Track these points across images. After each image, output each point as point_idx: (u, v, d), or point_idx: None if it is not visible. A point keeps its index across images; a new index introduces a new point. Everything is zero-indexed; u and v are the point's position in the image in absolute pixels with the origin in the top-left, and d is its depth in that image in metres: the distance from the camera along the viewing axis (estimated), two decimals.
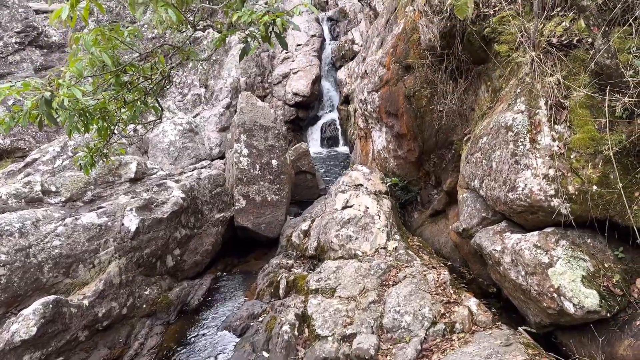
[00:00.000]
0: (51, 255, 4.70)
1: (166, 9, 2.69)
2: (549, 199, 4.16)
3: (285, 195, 7.88)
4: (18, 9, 11.74)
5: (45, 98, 2.71)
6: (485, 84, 5.68)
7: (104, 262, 5.06)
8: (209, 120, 12.38)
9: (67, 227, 4.96)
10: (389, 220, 6.48)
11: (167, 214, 5.84)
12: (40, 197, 5.38)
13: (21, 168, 7.21)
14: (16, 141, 9.03)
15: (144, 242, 5.47)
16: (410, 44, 6.54)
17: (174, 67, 3.85)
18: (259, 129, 7.89)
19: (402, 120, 6.60)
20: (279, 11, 2.77)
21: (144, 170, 6.55)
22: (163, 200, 5.99)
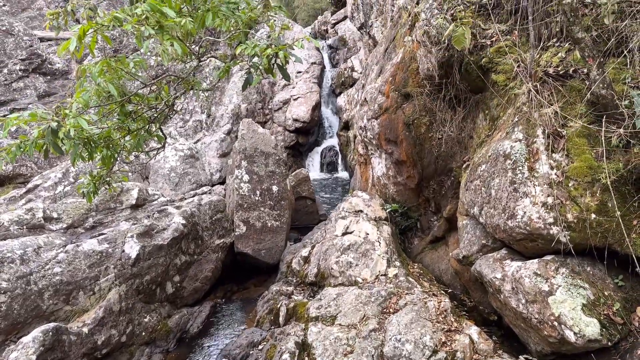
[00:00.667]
0: (52, 282, 4.70)
1: (172, 42, 2.77)
2: (548, 227, 4.19)
3: (286, 221, 7.90)
4: (23, 37, 11.94)
5: (52, 128, 2.76)
6: (483, 112, 5.77)
7: (104, 289, 5.05)
8: (210, 146, 12.48)
9: (68, 253, 4.97)
10: (389, 246, 6.49)
11: (167, 240, 5.86)
12: (42, 223, 5.40)
13: (23, 194, 7.24)
14: (18, 167, 9.09)
15: (144, 269, 5.48)
16: (409, 73, 6.65)
17: (178, 96, 3.92)
18: (260, 155, 7.95)
19: (402, 147, 6.67)
20: (282, 44, 2.85)
21: (145, 197, 6.58)
22: (164, 226, 6.01)
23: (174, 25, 2.86)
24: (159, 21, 2.81)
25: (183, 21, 2.93)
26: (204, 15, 3.30)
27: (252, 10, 3.28)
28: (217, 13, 3.33)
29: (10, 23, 12.10)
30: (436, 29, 5.93)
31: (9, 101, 10.97)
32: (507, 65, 5.41)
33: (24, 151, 2.83)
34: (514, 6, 5.61)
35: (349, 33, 20.85)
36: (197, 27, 3.46)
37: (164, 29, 2.83)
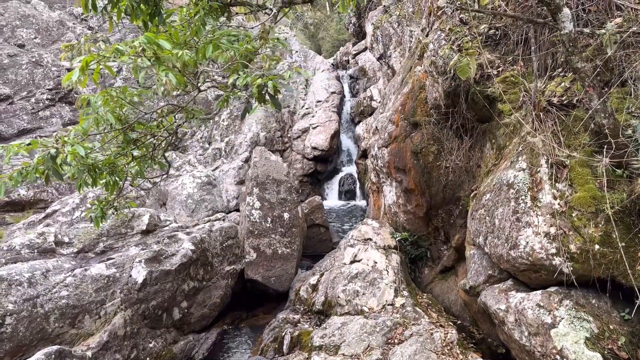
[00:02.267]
0: (58, 305, 4.81)
1: (166, 72, 2.88)
2: (551, 258, 4.11)
3: (296, 249, 7.91)
4: (51, 68, 12.46)
5: (51, 154, 2.89)
6: (490, 141, 5.75)
7: (110, 313, 5.13)
8: (228, 174, 12.67)
9: (76, 277, 5.09)
10: (398, 275, 6.43)
11: (175, 266, 5.94)
12: (53, 247, 5.55)
13: (42, 219, 7.45)
14: (39, 193, 9.38)
15: (151, 294, 5.55)
16: (417, 102, 6.70)
17: (180, 125, 4.04)
18: (272, 183, 8.04)
19: (410, 176, 6.67)
20: (273, 74, 2.93)
21: (157, 222, 6.71)
22: (172, 252, 6.10)
23: (170, 57, 2.98)
24: (156, 53, 2.94)
25: (180, 53, 3.06)
26: (205, 47, 3.42)
27: (249, 43, 3.39)
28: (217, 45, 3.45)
29: (40, 55, 12.65)
30: (443, 59, 5.99)
31: (35, 129, 11.39)
32: (513, 94, 5.42)
33: (25, 177, 2.95)
34: (520, 36, 5.64)
35: (368, 63, 21.11)
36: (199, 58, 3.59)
37: (160, 61, 2.95)
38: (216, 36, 3.56)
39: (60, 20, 14.75)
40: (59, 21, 14.69)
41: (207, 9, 3.81)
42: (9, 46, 12.77)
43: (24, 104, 11.72)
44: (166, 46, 2.90)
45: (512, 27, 5.81)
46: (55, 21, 14.50)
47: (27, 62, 12.24)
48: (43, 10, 14.87)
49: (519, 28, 5.70)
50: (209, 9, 3.88)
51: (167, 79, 2.86)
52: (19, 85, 11.96)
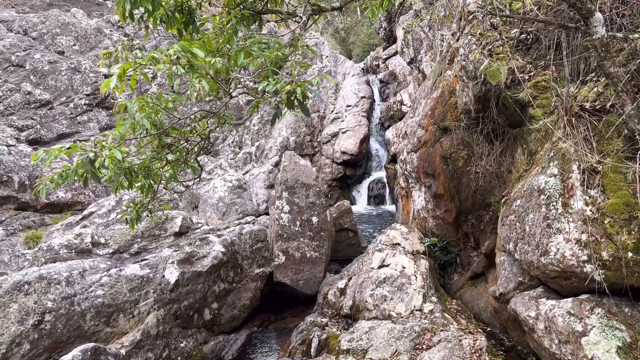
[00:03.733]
0: (94, 304, 4.99)
1: (200, 79, 2.99)
2: (582, 265, 4.05)
3: (325, 252, 7.96)
4: (89, 74, 12.89)
5: (90, 158, 3.03)
6: (522, 146, 5.69)
7: (143, 312, 5.29)
8: (258, 178, 12.84)
9: (111, 277, 5.27)
10: (426, 281, 6.41)
11: (206, 268, 6.07)
12: (89, 248, 5.76)
13: (79, 220, 7.72)
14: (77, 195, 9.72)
15: (183, 295, 5.69)
16: (447, 107, 6.68)
17: (212, 130, 4.15)
18: (301, 187, 8.12)
19: (439, 181, 6.65)
20: (301, 81, 3.00)
21: (189, 225, 6.87)
22: (204, 254, 6.24)
23: (203, 65, 3.09)
24: (190, 61, 3.05)
25: (213, 61, 3.16)
26: (237, 54, 3.52)
27: (279, 50, 3.47)
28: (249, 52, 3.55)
29: (79, 61, 13.10)
30: (473, 63, 5.97)
31: (73, 133, 11.80)
32: (545, 99, 5.36)
33: (65, 179, 3.10)
34: (552, 41, 5.57)
35: (399, 67, 21.06)
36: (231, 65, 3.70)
37: (193, 68, 3.06)
38: (247, 44, 3.66)
39: (98, 28, 15.24)
40: (97, 29, 15.18)
41: (239, 17, 3.91)
42: (49, 53, 13.27)
43: (63, 109, 12.16)
44: (200, 54, 3.01)
45: (543, 32, 5.75)
46: (93, 29, 14.99)
47: (66, 69, 12.70)
48: (82, 18, 15.39)
49: (550, 32, 5.63)
50: (241, 17, 3.98)
51: (201, 86, 2.96)
52: (58, 90, 12.42)
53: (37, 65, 12.59)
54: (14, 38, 13.47)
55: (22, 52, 13.01)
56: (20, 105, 11.49)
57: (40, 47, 13.57)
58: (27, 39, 13.86)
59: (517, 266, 5.16)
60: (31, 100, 11.68)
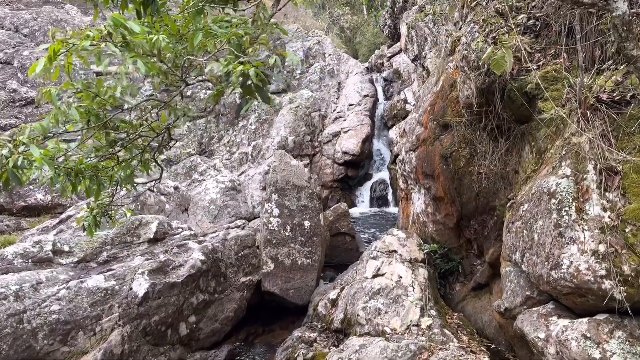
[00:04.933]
0: (47, 321, 4.47)
1: (135, 59, 2.46)
2: (599, 281, 3.47)
3: (317, 259, 7.41)
4: (79, 71, 12.43)
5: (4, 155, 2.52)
6: (530, 144, 5.11)
7: (106, 329, 4.76)
8: (253, 179, 12.31)
9: (70, 290, 4.74)
10: (425, 292, 5.84)
11: (182, 278, 5.53)
12: (49, 257, 5.24)
13: (55, 224, 7.21)
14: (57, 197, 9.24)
15: (153, 309, 5.15)
16: (448, 102, 6.12)
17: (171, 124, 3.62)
18: (292, 189, 7.58)
19: (439, 182, 6.08)
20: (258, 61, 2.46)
21: (166, 230, 6.35)
22: (180, 262, 5.71)
23: (141, 43, 2.56)
24: (125, 38, 2.51)
25: (154, 38, 2.62)
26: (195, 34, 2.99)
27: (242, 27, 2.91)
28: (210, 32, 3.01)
29: None
30: (475, 52, 5.40)
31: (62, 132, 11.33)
32: (556, 91, 4.78)
33: None
34: (563, 26, 4.99)
35: (403, 65, 20.48)
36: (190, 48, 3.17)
37: (129, 47, 2.53)
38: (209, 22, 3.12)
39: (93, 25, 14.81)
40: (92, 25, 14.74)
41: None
42: None
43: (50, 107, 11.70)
44: (135, 29, 2.48)
45: (553, 16, 5.17)
46: (87, 25, 14.55)
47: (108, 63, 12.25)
48: (75, 15, 14.96)
49: (561, 17, 5.05)
50: None
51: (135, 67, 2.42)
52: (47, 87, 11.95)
53: (25, 62, 12.16)
54: (3, 35, 13.06)
55: (11, 49, 12.60)
56: (4, 103, 11.04)
57: (30, 44, 13.15)
58: (18, 35, 13.45)
59: (525, 279, 4.58)
60: (16, 98, 11.23)
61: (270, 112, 14.81)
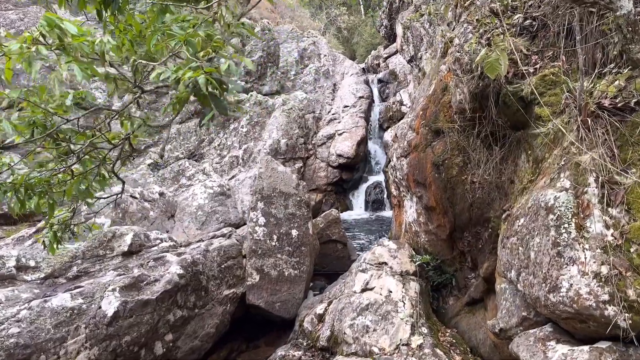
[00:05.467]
0: (4, 345, 4.12)
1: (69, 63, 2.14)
2: (602, 306, 3.15)
3: (305, 270, 7.09)
4: None
5: None
6: (526, 152, 4.80)
7: (72, 352, 4.43)
8: (244, 183, 11.97)
9: (32, 310, 4.41)
10: (416, 308, 5.52)
11: (157, 294, 5.19)
12: (12, 273, 4.91)
13: (32, 234, 6.88)
14: None
15: (124, 328, 4.82)
16: (440, 107, 5.80)
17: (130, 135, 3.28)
18: (279, 196, 7.25)
19: (431, 191, 5.76)
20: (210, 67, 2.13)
21: (143, 242, 6.01)
22: (156, 277, 5.38)
23: (80, 46, 2.24)
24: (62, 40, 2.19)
25: (97, 40, 2.30)
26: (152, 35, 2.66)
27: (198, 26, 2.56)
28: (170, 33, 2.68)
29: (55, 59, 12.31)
30: (468, 55, 5.08)
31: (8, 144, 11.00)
32: (553, 96, 4.47)
33: None
34: (562, 26, 4.67)
35: (399, 66, 20.17)
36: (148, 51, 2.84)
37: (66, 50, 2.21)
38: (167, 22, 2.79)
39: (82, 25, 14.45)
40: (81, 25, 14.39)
41: None
42: None
43: None
44: (71, 30, 2.15)
45: (551, 16, 4.85)
46: None
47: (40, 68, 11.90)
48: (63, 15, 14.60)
49: (560, 17, 4.74)
50: None
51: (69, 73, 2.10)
52: None
53: None
54: None
55: None
56: None
57: None
58: None
59: (521, 298, 4.27)
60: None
61: (263, 114, 14.47)
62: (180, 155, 12.05)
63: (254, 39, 17.34)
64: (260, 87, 16.90)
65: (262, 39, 17.19)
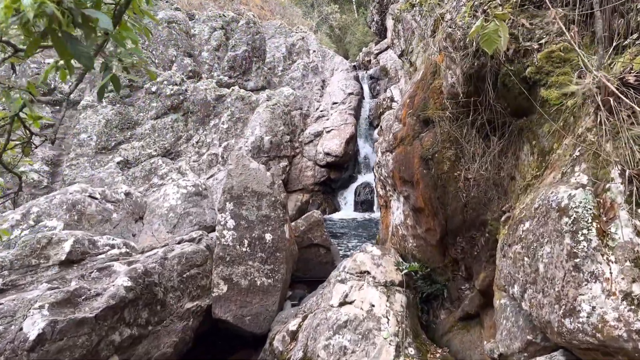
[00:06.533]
0: None
1: None
2: (636, 338, 2.41)
3: (281, 279, 6.32)
4: (30, 64, 11.27)
5: None
6: (530, 143, 4.05)
7: None
8: (222, 182, 11.17)
9: None
10: (402, 325, 4.77)
11: (97, 311, 4.40)
12: None
13: None
14: None
15: (51, 354, 4.02)
16: (430, 93, 5.05)
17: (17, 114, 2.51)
18: (251, 196, 6.48)
19: (419, 190, 5.01)
20: None
21: (86, 250, 5.22)
22: (98, 291, 4.59)
23: None
24: None
25: None
26: None
27: None
28: None
29: None
30: (462, 29, 4.34)
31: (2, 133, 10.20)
32: (562, 75, 3.73)
33: None
34: None
35: (390, 62, 19.46)
36: None
37: None
38: None
39: None
40: None
41: None
42: None
43: None
44: None
45: None
46: None
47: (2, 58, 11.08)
48: None
49: None
50: None
51: None
52: None
53: None
54: None
55: None
56: None
57: None
58: None
59: (525, 318, 3.52)
60: None
61: (246, 110, 13.68)
62: (154, 153, 11.24)
63: (239, 32, 16.56)
64: (244, 82, 16.12)
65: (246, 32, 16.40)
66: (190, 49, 15.00)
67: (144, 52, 13.34)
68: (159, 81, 12.33)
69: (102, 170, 10.22)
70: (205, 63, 15.22)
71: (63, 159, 10.37)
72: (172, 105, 12.30)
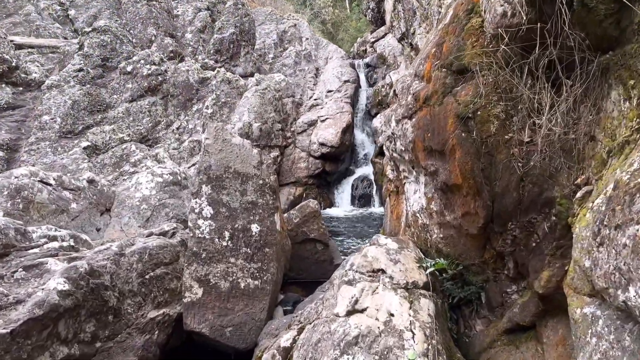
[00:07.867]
0: None
1: None
2: None
3: (270, 279, 5.09)
4: None
5: None
6: (623, 85, 2.85)
7: None
8: None
9: None
10: (431, 341, 3.56)
11: (16, 325, 3.15)
12: None
13: None
14: None
15: None
16: (465, 35, 3.84)
17: None
18: (233, 178, 5.23)
19: (453, 161, 3.78)
20: None
21: (13, 242, 3.96)
22: (19, 297, 3.34)
23: None
24: None
25: None
26: None
27: None
28: None
29: None
30: None
31: None
32: None
33: None
34: None
35: (388, 49, 18.32)
36: None
37: None
38: None
39: None
40: None
41: None
42: None
43: None
44: None
45: None
46: None
47: None
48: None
49: None
50: None
51: None
52: None
53: None
54: None
55: None
56: None
57: None
58: None
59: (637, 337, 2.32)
60: None
61: (233, 94, 12.42)
62: (127, 138, 9.93)
63: (226, 13, 15.31)
64: (232, 67, 14.85)
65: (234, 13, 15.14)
66: (173, 29, 13.73)
67: (120, 30, 12.07)
68: (134, 60, 11.04)
69: (66, 156, 8.92)
70: (189, 45, 13.94)
71: (22, 143, 9.08)
72: (150, 87, 11.00)
